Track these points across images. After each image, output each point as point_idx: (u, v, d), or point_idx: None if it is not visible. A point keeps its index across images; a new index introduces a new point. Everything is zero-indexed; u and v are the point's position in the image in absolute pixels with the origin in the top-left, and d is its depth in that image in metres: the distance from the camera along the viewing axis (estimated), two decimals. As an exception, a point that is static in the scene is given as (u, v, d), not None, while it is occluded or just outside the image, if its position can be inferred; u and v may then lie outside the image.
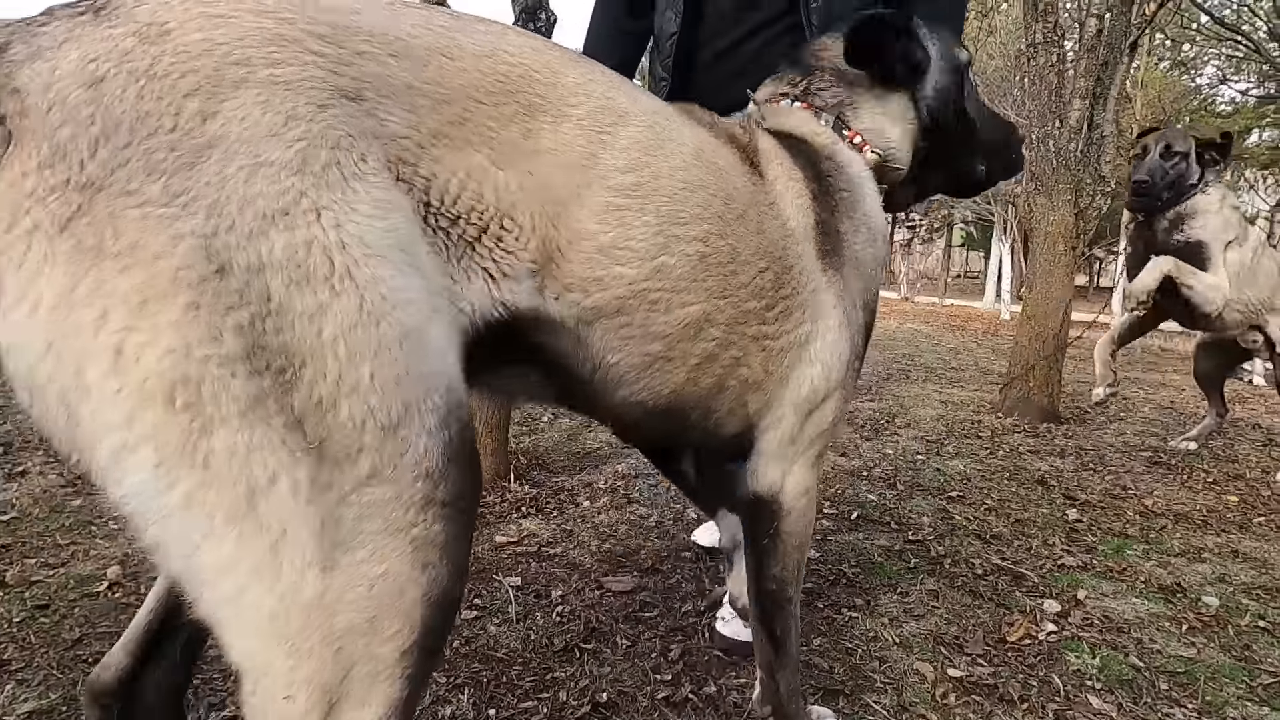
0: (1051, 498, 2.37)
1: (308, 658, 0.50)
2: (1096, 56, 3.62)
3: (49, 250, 0.45)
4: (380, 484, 0.51)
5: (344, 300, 0.50)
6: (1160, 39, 11.03)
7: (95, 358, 0.46)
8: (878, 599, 1.58)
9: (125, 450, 0.47)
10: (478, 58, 0.63)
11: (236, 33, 0.51)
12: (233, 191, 0.48)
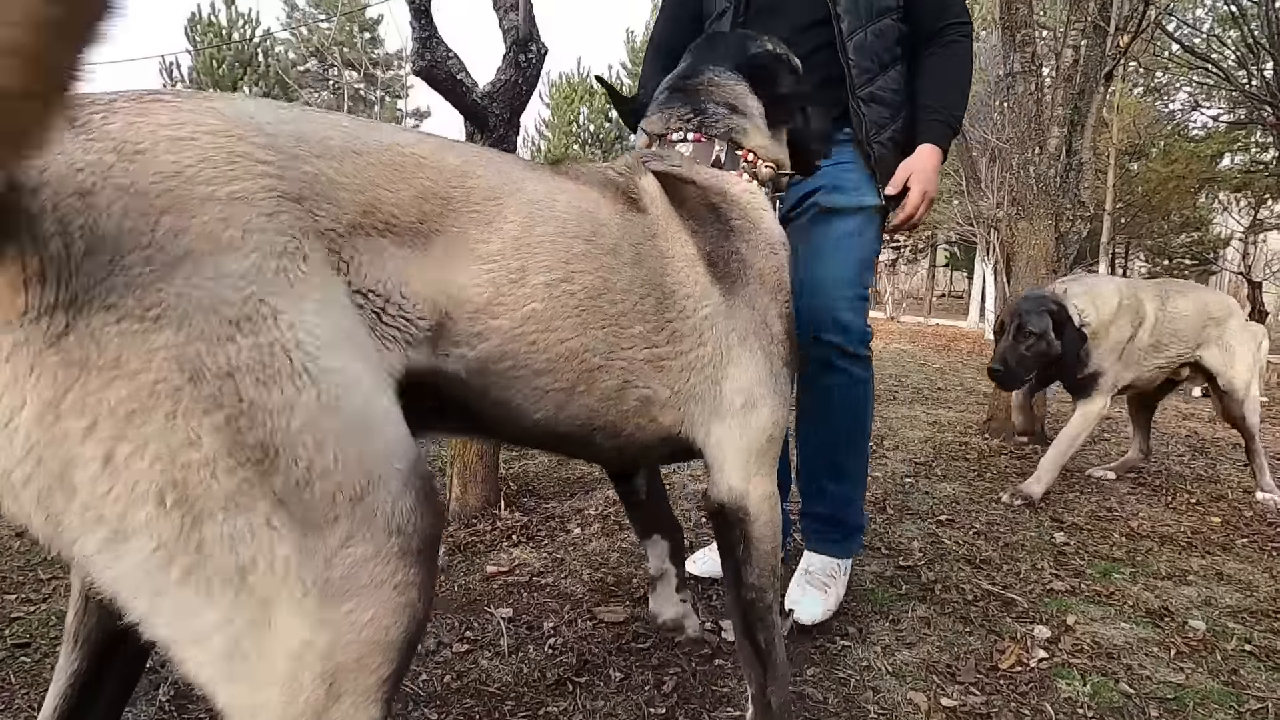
0: (1039, 521, 2.39)
1: (300, 693, 0.54)
2: (1073, 85, 3.72)
3: (35, 362, 0.47)
4: (358, 544, 0.56)
5: (306, 394, 0.55)
6: (1134, 66, 11.35)
7: (84, 464, 0.49)
8: (870, 627, 1.58)
9: (117, 540, 0.50)
10: (379, 151, 0.70)
11: (197, 156, 0.55)
12: (199, 302, 0.51)
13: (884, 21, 1.53)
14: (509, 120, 2.28)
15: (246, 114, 0.61)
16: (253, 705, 0.54)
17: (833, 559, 1.65)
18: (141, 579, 0.51)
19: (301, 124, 0.65)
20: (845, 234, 1.57)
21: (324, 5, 23.23)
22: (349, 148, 0.67)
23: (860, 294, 1.59)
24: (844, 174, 1.58)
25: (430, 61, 2.06)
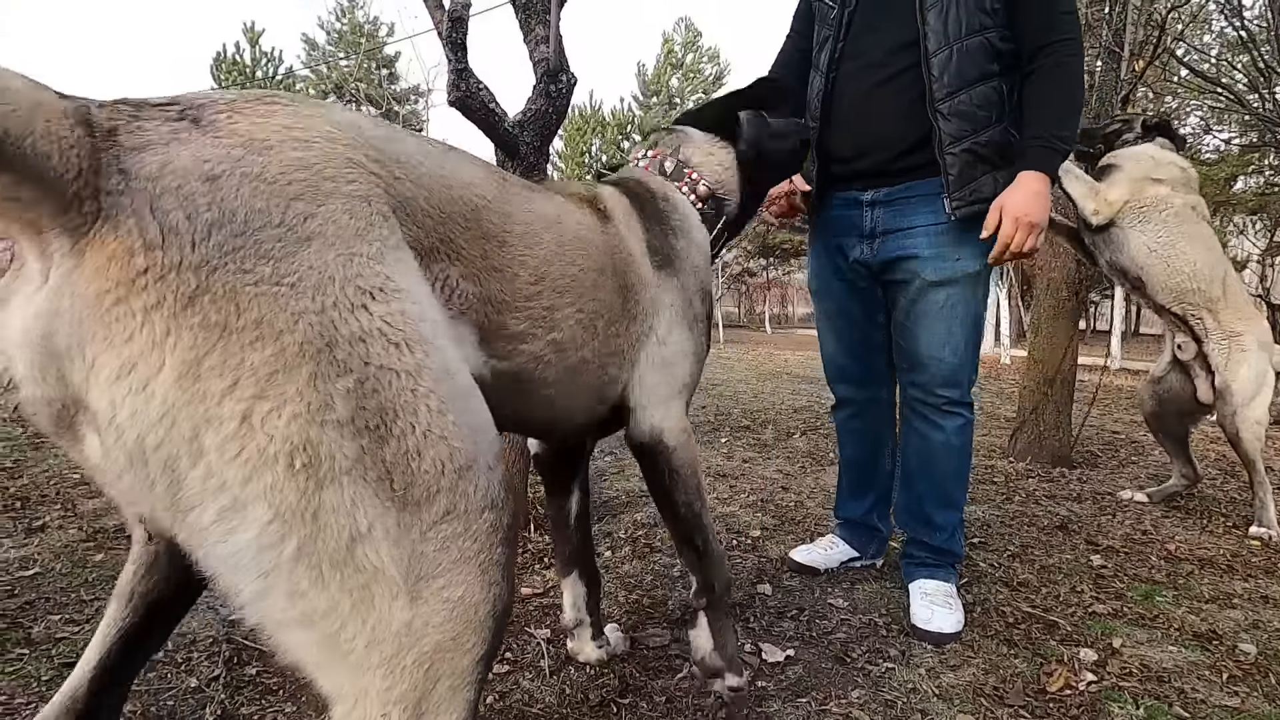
0: (1074, 543, 2.35)
1: (402, 678, 0.55)
2: (1089, 110, 3.74)
3: (171, 325, 0.49)
4: (454, 520, 0.58)
5: (434, 359, 0.58)
6: (1143, 92, 11.42)
7: (218, 424, 0.50)
8: (912, 649, 1.56)
9: (235, 509, 0.51)
10: (461, 188, 0.77)
11: (321, 155, 0.59)
12: (334, 274, 0.55)
13: (975, 40, 1.55)
14: (539, 149, 2.33)
15: (355, 126, 0.65)
16: (356, 691, 0.55)
17: (944, 583, 1.73)
18: (253, 556, 0.52)
19: (399, 145, 0.71)
20: (954, 303, 1.67)
21: (343, 43, 23.91)
22: (439, 179, 0.73)
23: (974, 349, 1.73)
24: (941, 237, 1.65)
25: (465, 92, 2.12)
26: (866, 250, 1.77)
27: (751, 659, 1.48)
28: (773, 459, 3.49)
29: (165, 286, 0.49)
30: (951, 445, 1.74)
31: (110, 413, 0.49)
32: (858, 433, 2.01)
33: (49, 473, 2.63)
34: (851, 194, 1.78)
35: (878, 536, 2.03)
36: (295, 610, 0.53)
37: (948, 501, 1.78)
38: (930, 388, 1.72)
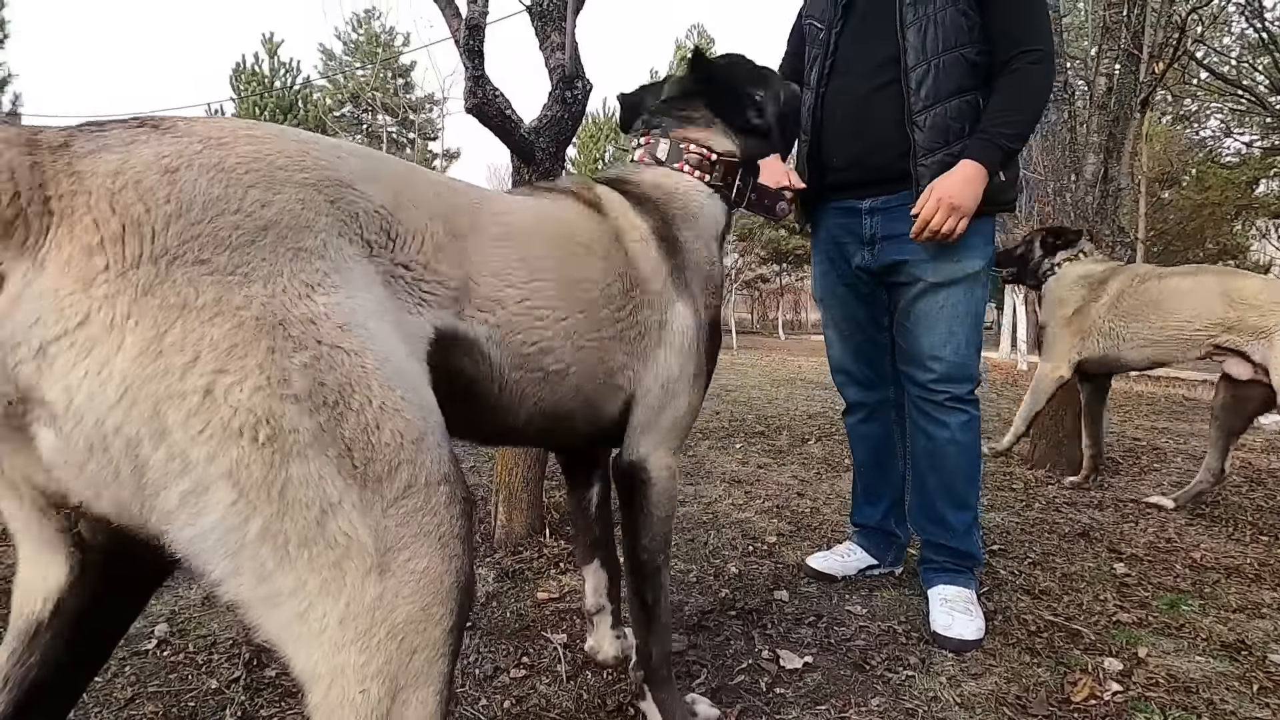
0: (1096, 551, 2.32)
1: (377, 652, 0.56)
2: (1108, 112, 3.71)
3: (132, 308, 0.50)
4: (413, 494, 0.59)
5: (378, 340, 0.60)
6: (1162, 94, 11.31)
7: (180, 399, 0.50)
8: (931, 657, 1.54)
9: (199, 491, 0.51)
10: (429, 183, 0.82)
11: (275, 148, 0.62)
12: (282, 267, 0.57)
13: (952, 55, 1.62)
14: (554, 154, 2.35)
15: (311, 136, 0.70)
16: (333, 669, 0.56)
17: (964, 589, 1.72)
18: (220, 536, 0.52)
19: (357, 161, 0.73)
20: (955, 302, 1.70)
21: (360, 54, 24.20)
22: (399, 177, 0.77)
23: (975, 346, 1.75)
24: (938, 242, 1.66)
25: (482, 99, 2.14)
26: (868, 256, 1.80)
27: (769, 665, 1.47)
28: (788, 465, 3.47)
29: (124, 279, 0.50)
30: (958, 442, 1.75)
31: (67, 399, 0.49)
32: (869, 437, 2.01)
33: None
34: (849, 202, 1.82)
35: (896, 543, 2.02)
36: (264, 589, 0.54)
37: (960, 500, 1.78)
38: (933, 385, 1.74)
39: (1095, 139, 3.68)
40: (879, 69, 1.69)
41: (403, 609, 0.57)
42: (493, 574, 1.88)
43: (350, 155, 0.72)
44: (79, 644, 0.68)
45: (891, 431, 1.99)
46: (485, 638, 1.55)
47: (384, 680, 0.56)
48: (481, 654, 1.47)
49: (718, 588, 1.88)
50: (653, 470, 1.10)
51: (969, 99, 1.64)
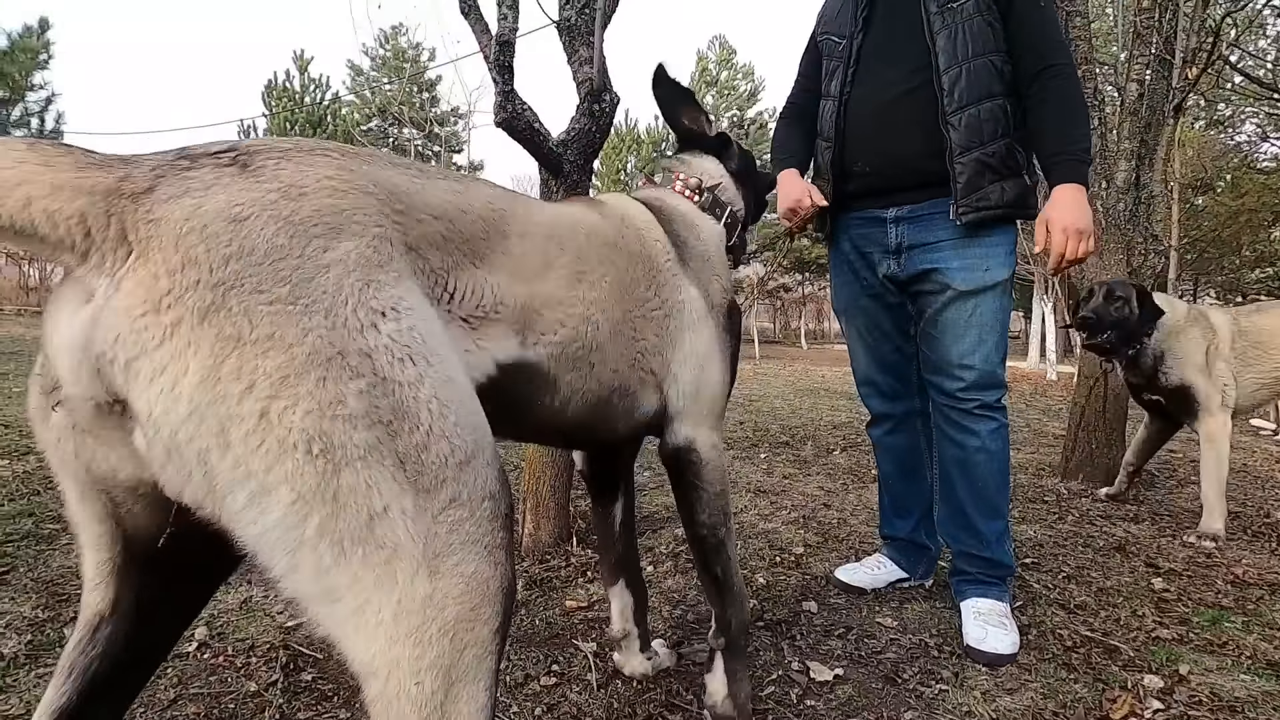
0: (1133, 565, 2.27)
1: (430, 647, 0.60)
2: (1139, 119, 3.65)
3: (190, 337, 0.56)
4: (459, 506, 0.64)
5: (434, 370, 0.66)
6: (1195, 99, 11.09)
7: (240, 420, 0.57)
8: (965, 671, 1.52)
9: (262, 493, 0.57)
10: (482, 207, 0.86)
11: (352, 203, 0.68)
12: (348, 298, 0.62)
13: (981, 61, 1.65)
14: (582, 166, 2.37)
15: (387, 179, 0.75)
16: (389, 662, 0.59)
17: (998, 602, 1.70)
18: (281, 533, 0.57)
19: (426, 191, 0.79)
20: (982, 310, 1.70)
21: (387, 68, 24.67)
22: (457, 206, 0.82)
23: (1002, 354, 1.74)
24: (969, 249, 1.70)
25: (511, 114, 2.18)
26: (894, 265, 1.80)
27: (799, 677, 1.46)
28: (813, 475, 3.45)
29: (184, 305, 0.56)
30: (988, 450, 1.73)
31: (148, 410, 0.56)
32: (896, 448, 2.00)
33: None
34: (873, 212, 1.82)
35: (926, 555, 1.99)
36: (322, 584, 0.59)
37: (991, 509, 1.75)
38: (962, 394, 1.73)
39: (1126, 145, 3.62)
40: (906, 75, 1.71)
41: (453, 608, 0.62)
42: (521, 582, 1.89)
43: (435, 194, 0.79)
44: (136, 639, 0.72)
45: (918, 443, 1.98)
46: (515, 645, 1.56)
47: (437, 673, 0.60)
48: (512, 661, 1.49)
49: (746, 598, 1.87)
50: (700, 448, 1.16)
51: (999, 103, 1.65)
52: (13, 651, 1.42)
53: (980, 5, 1.64)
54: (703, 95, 22.46)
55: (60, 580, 1.80)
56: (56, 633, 1.51)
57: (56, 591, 1.73)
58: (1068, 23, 3.54)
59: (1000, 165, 1.65)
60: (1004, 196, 1.65)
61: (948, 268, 1.71)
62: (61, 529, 2.18)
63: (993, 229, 1.69)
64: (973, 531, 1.76)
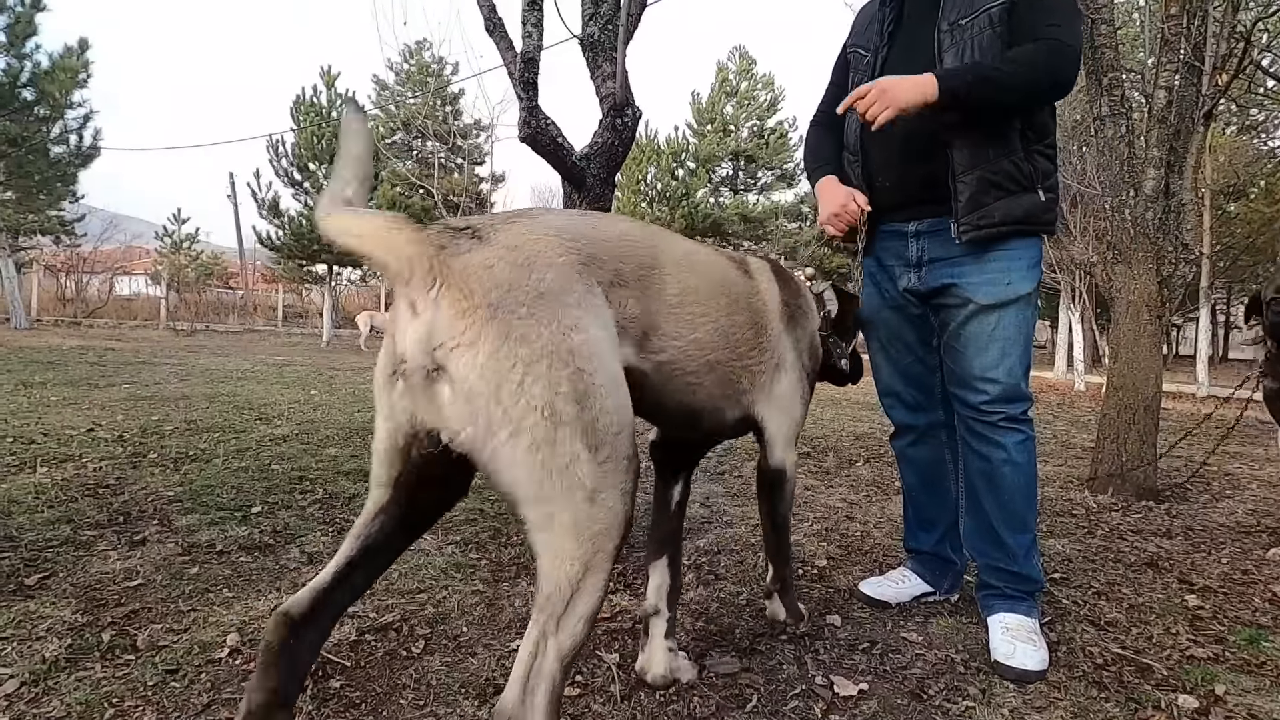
0: (1165, 582, 2.22)
1: (582, 545, 0.93)
2: (1168, 126, 3.60)
3: (482, 332, 0.90)
4: (612, 462, 0.95)
5: (604, 367, 0.97)
6: (1225, 104, 10.88)
7: (509, 384, 0.89)
8: (993, 688, 1.50)
9: (516, 433, 0.89)
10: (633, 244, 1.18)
11: (545, 246, 1.00)
12: (557, 316, 0.94)
13: None
14: (605, 179, 2.40)
15: (569, 225, 1.07)
16: (558, 548, 0.93)
17: (1026, 617, 1.68)
18: (523, 461, 0.89)
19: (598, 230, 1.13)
20: (1006, 324, 1.70)
21: (411, 83, 25.08)
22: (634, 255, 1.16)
23: (1026, 367, 1.74)
24: (990, 263, 1.68)
25: (535, 129, 2.21)
26: (915, 279, 1.80)
27: (824, 692, 1.45)
28: (835, 487, 3.43)
29: (477, 315, 0.90)
30: (1014, 462, 1.71)
31: (457, 373, 0.89)
32: (919, 461, 1.98)
33: (147, 490, 2.81)
34: (895, 225, 1.82)
35: (952, 569, 1.97)
36: (536, 495, 0.91)
37: (1018, 523, 1.73)
38: (986, 407, 1.71)
39: (1155, 153, 3.57)
40: None
41: (599, 525, 0.94)
42: (544, 592, 1.90)
43: (601, 240, 1.10)
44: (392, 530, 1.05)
45: (943, 455, 1.96)
46: (539, 655, 1.57)
47: (581, 562, 0.93)
48: (535, 671, 1.49)
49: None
50: (787, 469, 1.52)
51: (1007, 123, 1.64)
52: (53, 655, 1.46)
53: (994, 18, 1.61)
54: (722, 106, 22.52)
55: (98, 585, 1.85)
56: (95, 637, 1.56)
57: (95, 596, 1.78)
58: (1093, 30, 3.50)
59: (1007, 181, 1.64)
60: (1010, 213, 1.64)
61: (969, 282, 1.70)
62: (99, 535, 2.24)
63: (1012, 241, 1.68)
64: (999, 545, 1.74)
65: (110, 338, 13.28)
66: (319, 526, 2.44)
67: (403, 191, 20.19)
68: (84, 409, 4.72)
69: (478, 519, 2.63)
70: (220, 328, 18.98)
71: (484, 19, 2.35)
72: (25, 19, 11.46)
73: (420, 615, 1.76)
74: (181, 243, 23.57)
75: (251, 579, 1.95)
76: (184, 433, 4.04)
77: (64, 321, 16.99)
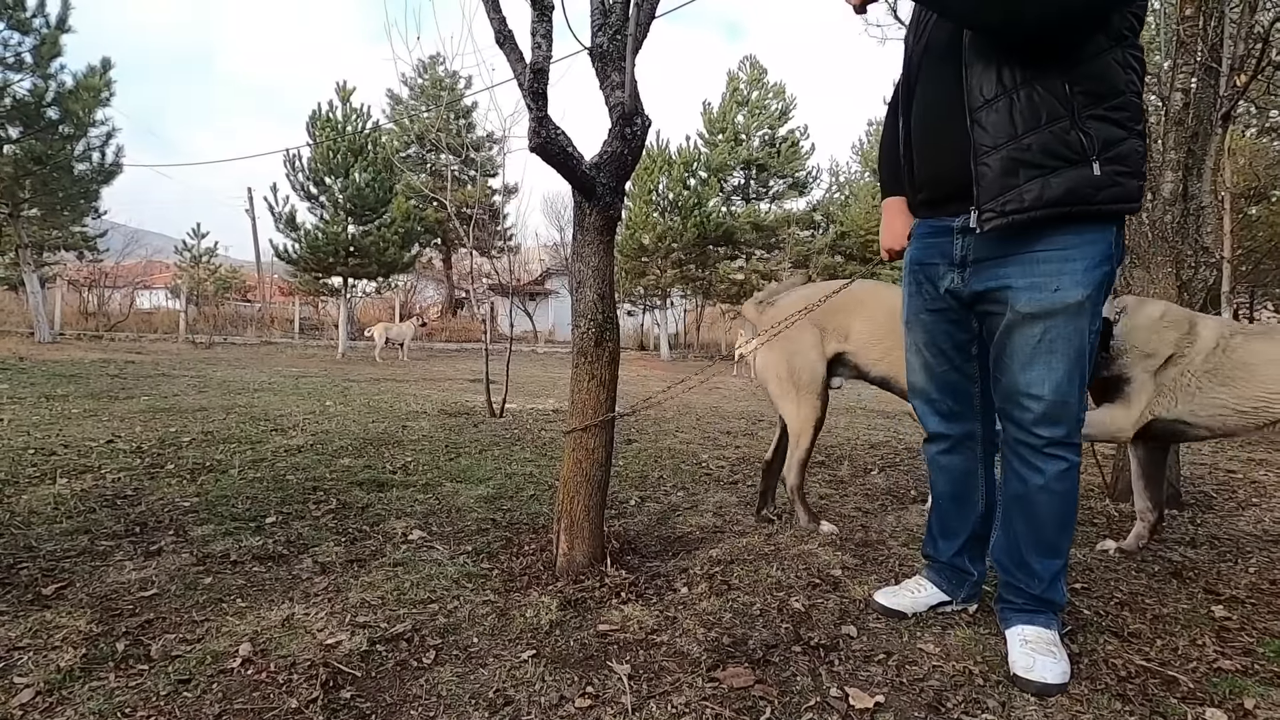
0: (1191, 592, 2.16)
1: (801, 427, 2.65)
2: (1185, 129, 3.56)
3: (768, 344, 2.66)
4: (808, 395, 2.63)
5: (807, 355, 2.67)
6: (1244, 106, 10.73)
7: (771, 362, 2.70)
8: (1012, 700, 1.46)
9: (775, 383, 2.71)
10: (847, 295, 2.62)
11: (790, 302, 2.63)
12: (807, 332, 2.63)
13: None
14: (615, 189, 2.40)
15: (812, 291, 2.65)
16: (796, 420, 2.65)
17: (1045, 629, 1.63)
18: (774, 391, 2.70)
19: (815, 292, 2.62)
20: (1053, 337, 1.55)
21: (425, 97, 25.40)
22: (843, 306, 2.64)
23: (1079, 384, 1.58)
24: (1037, 265, 1.55)
25: (545, 139, 2.22)
26: (958, 280, 1.71)
27: (838, 704, 1.43)
28: (850, 496, 3.39)
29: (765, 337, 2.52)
30: (1052, 490, 1.62)
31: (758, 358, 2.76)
32: (950, 469, 1.91)
33: (164, 500, 2.83)
34: (941, 220, 1.74)
35: (969, 580, 1.93)
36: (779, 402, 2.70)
37: (1048, 549, 1.66)
38: (1029, 426, 1.61)
39: (1172, 156, 3.53)
40: (957, 84, 1.60)
41: (803, 416, 2.63)
42: (555, 602, 1.89)
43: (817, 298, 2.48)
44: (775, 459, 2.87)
45: (975, 467, 1.89)
46: (549, 667, 1.56)
47: (798, 432, 2.63)
48: (546, 682, 1.49)
49: (780, 621, 1.84)
50: None
51: (1046, 84, 1.47)
52: (68, 664, 1.47)
53: None
54: (733, 115, 22.57)
55: (113, 595, 1.86)
56: (110, 647, 1.57)
57: (110, 607, 1.79)
58: (1106, 33, 3.48)
59: (1042, 157, 1.46)
60: (1046, 193, 1.45)
61: (1012, 286, 1.58)
62: (115, 546, 2.26)
63: (1066, 234, 1.50)
64: (1025, 568, 1.68)
65: (131, 350, 13.49)
66: (332, 536, 2.45)
67: (417, 204, 20.40)
68: (104, 420, 4.78)
69: (490, 528, 2.62)
70: (238, 340, 19.22)
71: (494, 31, 2.37)
72: (51, 40, 11.75)
73: (431, 625, 1.76)
74: (200, 257, 23.95)
75: (265, 589, 1.96)
76: (201, 444, 4.08)
77: (86, 335, 17.28)
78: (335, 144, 15.55)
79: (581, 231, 2.38)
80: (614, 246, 2.44)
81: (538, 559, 2.28)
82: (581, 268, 2.34)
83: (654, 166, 19.55)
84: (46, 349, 12.78)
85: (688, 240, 19.29)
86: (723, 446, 4.77)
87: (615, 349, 2.32)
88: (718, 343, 22.54)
